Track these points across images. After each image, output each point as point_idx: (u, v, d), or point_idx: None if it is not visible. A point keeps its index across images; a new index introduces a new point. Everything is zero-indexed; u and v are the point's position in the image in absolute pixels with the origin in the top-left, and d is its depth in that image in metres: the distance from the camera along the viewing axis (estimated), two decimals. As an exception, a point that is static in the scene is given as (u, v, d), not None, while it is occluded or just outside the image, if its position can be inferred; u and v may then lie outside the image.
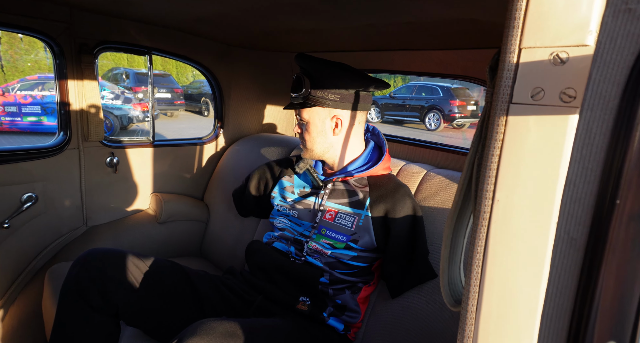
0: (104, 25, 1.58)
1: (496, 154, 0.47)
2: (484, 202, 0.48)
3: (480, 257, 0.49)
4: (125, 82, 11.43)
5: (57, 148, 1.55)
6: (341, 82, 1.16)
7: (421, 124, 11.72)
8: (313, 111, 1.20)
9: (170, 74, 12.97)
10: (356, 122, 1.23)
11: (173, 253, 1.84)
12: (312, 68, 1.18)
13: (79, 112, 1.57)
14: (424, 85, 12.07)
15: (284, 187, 1.35)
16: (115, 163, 1.71)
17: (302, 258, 1.22)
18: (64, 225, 1.62)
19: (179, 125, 10.84)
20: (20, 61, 13.26)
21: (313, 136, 1.22)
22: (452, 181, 1.30)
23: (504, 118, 0.46)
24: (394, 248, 1.16)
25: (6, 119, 8.27)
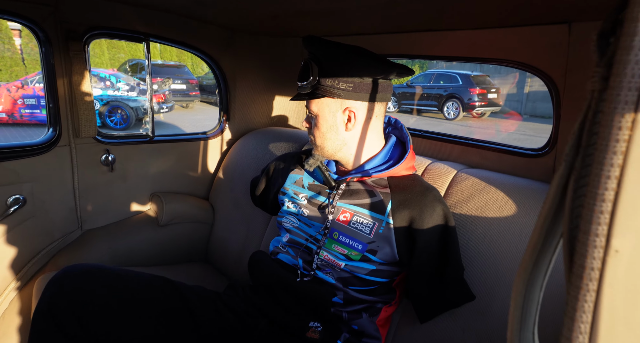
0: (95, 9, 1.43)
1: (614, 176, 0.29)
2: (591, 253, 0.30)
3: (585, 341, 0.31)
4: (142, 74, 11.43)
5: (45, 145, 1.42)
6: (354, 68, 0.98)
7: (440, 113, 11.38)
8: (322, 102, 1.02)
9: (185, 65, 12.91)
10: (374, 115, 1.04)
11: (176, 259, 1.71)
12: (321, 53, 1.00)
13: (69, 105, 1.44)
14: (443, 73, 11.68)
15: (294, 181, 1.19)
16: (111, 161, 1.57)
17: (311, 273, 1.05)
18: (57, 229, 1.50)
19: (194, 116, 10.81)
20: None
21: (323, 132, 1.05)
22: (488, 183, 1.11)
23: (630, 116, 0.28)
24: (421, 263, 0.98)
25: (26, 112, 8.36)
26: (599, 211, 0.29)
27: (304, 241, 1.09)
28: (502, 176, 1.15)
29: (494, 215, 1.04)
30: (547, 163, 1.15)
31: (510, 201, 1.04)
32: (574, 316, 0.30)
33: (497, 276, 0.99)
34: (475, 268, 1.03)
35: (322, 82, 1.00)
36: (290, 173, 1.21)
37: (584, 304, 0.30)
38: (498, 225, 1.03)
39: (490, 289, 0.99)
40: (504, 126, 10.82)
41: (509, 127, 10.51)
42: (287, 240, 1.14)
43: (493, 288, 0.99)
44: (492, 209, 1.05)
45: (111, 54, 15.54)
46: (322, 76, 1.00)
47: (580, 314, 0.30)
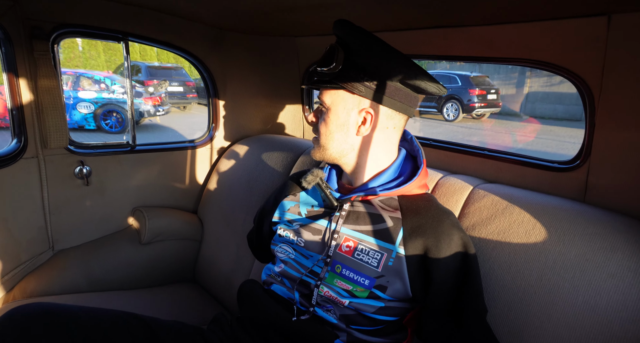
0: (64, 4, 1.27)
1: None
2: None
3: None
4: (138, 76, 11.29)
5: (8, 157, 1.26)
6: (385, 66, 0.84)
7: (439, 114, 11.26)
8: (339, 95, 0.88)
9: (182, 67, 12.77)
10: (391, 125, 0.89)
11: (160, 280, 1.56)
12: (352, 39, 0.85)
13: (35, 113, 1.28)
14: (441, 74, 11.58)
15: (286, 209, 1.03)
16: (86, 174, 1.42)
17: (311, 309, 0.90)
18: (23, 250, 1.34)
19: (191, 118, 10.67)
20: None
21: (331, 130, 0.90)
22: (512, 202, 0.96)
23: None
24: (437, 300, 0.83)
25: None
26: None
27: (299, 274, 0.94)
28: (527, 193, 1.00)
29: (520, 241, 0.89)
30: (578, 178, 1.00)
31: (538, 224, 0.89)
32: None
33: (527, 314, 0.84)
34: (498, 304, 0.88)
35: (345, 72, 0.85)
36: (283, 201, 1.05)
37: None
38: (525, 253, 0.88)
39: (516, 329, 0.84)
40: (505, 127, 10.69)
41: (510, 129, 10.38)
42: (281, 271, 0.99)
43: (520, 329, 0.84)
44: (517, 233, 0.90)
45: (107, 56, 15.36)
46: (346, 65, 0.85)
47: None
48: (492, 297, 0.89)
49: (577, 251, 0.82)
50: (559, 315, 0.80)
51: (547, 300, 0.82)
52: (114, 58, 15.26)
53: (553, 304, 0.81)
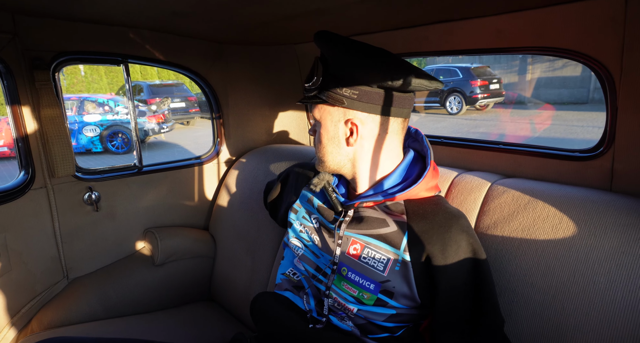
0: (60, 32, 1.27)
1: None
2: None
3: None
4: (140, 95, 11.42)
5: (17, 190, 1.25)
6: (361, 72, 0.81)
7: (442, 109, 11.19)
8: (325, 109, 0.87)
9: (183, 83, 12.90)
10: (387, 131, 0.86)
11: (177, 301, 1.53)
12: (326, 50, 0.84)
13: (40, 143, 1.27)
14: (442, 68, 11.52)
15: (306, 199, 1.02)
16: (95, 199, 1.41)
17: (324, 319, 0.88)
18: (38, 281, 1.33)
19: (195, 132, 10.73)
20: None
21: (324, 143, 0.89)
22: (534, 196, 0.92)
23: None
24: (446, 310, 0.79)
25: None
26: None
27: (313, 270, 0.94)
28: (549, 185, 0.96)
29: (547, 237, 0.85)
30: (603, 165, 0.96)
31: (565, 218, 0.85)
32: None
33: (562, 314, 0.79)
34: (528, 305, 0.83)
35: (325, 85, 0.84)
36: (304, 189, 1.04)
37: None
38: (554, 249, 0.83)
39: (549, 331, 0.80)
40: (511, 116, 10.57)
41: (517, 118, 10.26)
42: (292, 271, 1.00)
43: (557, 331, 0.79)
44: (543, 229, 0.86)
45: (109, 79, 15.56)
46: (325, 78, 0.84)
47: None
48: (522, 298, 0.84)
49: (611, 244, 0.78)
50: (597, 313, 0.76)
51: (583, 298, 0.78)
52: (115, 80, 15.44)
53: (590, 301, 0.77)
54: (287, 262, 1.05)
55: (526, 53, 1.04)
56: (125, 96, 11.25)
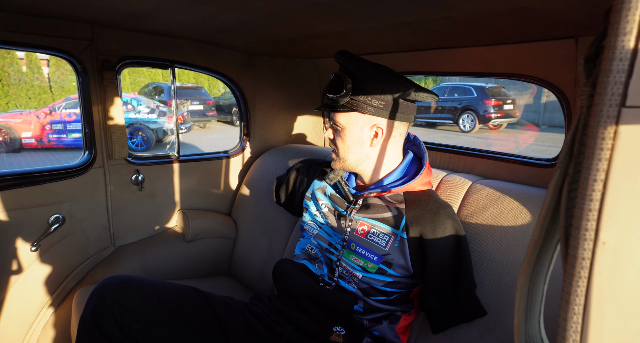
0: (125, 40, 1.55)
1: (600, 179, 0.34)
2: (582, 245, 0.35)
3: (579, 321, 0.35)
4: (161, 96, 11.82)
5: (82, 168, 1.52)
6: (387, 87, 1.03)
7: (455, 126, 11.33)
8: (351, 116, 1.07)
9: (202, 87, 13.30)
10: (397, 133, 1.10)
11: (201, 272, 1.78)
12: (356, 68, 1.05)
13: (102, 130, 1.54)
14: (457, 86, 11.67)
15: (317, 188, 1.25)
16: (141, 181, 1.67)
17: (334, 283, 1.10)
18: (92, 245, 1.59)
19: (211, 135, 11.06)
20: (66, 81, 14.07)
21: (348, 145, 1.09)
22: (503, 193, 1.14)
23: (611, 128, 0.33)
24: (433, 277, 1.01)
25: (53, 137, 8.76)
26: (588, 209, 0.34)
27: (326, 245, 1.15)
28: (517, 186, 1.18)
29: (510, 224, 1.07)
30: (561, 171, 1.18)
31: (525, 210, 1.07)
32: (569, 299, 0.35)
33: (514, 282, 1.01)
34: (492, 275, 1.05)
35: (354, 97, 1.04)
36: (315, 179, 1.26)
37: (577, 288, 0.34)
38: (514, 233, 1.05)
39: (507, 295, 1.01)
40: (522, 137, 10.68)
41: (528, 139, 10.37)
42: (310, 246, 1.21)
43: (510, 294, 1.01)
44: (507, 218, 1.08)
45: (132, 79, 16.17)
46: (355, 91, 1.04)
47: (573, 297, 0.35)
48: (486, 270, 1.06)
49: (556, 230, 0.99)
50: (542, 283, 0.97)
51: (533, 271, 0.99)
52: (137, 80, 16.03)
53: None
54: (306, 240, 1.25)
55: (505, 78, 1.27)
56: (147, 95, 11.71)
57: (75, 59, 1.45)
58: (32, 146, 8.68)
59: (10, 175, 1.39)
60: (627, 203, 0.32)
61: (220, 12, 1.21)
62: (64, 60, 1.46)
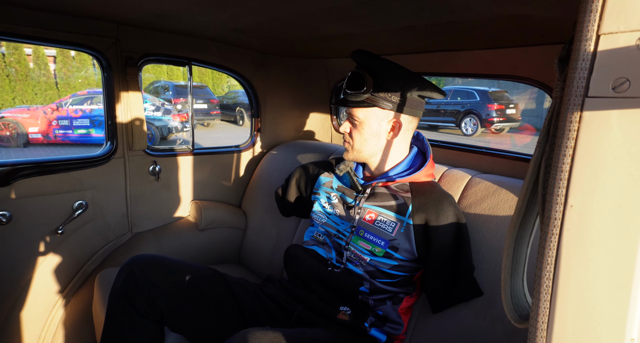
0: (147, 38, 1.64)
1: (568, 155, 0.43)
2: (554, 208, 0.44)
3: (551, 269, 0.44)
4: (166, 94, 11.94)
5: (104, 157, 1.62)
6: (407, 85, 1.12)
7: (457, 129, 11.40)
8: (371, 111, 1.14)
9: (206, 86, 13.41)
10: (410, 128, 1.19)
11: (212, 260, 1.87)
12: (376, 66, 1.12)
13: (124, 122, 1.64)
14: (460, 89, 11.75)
15: (323, 183, 1.33)
16: (158, 171, 1.76)
17: (342, 266, 1.19)
18: (111, 231, 1.68)
19: (214, 134, 11.16)
20: (72, 78, 14.22)
21: (365, 138, 1.17)
22: (500, 186, 1.23)
23: (577, 114, 0.42)
24: (436, 260, 1.10)
25: (59, 132, 8.88)
26: (559, 179, 0.43)
27: (334, 232, 1.24)
28: (513, 180, 1.27)
29: (506, 214, 1.16)
30: (554, 167, 1.27)
31: (520, 202, 1.16)
32: (544, 252, 0.44)
33: (510, 268, 1.10)
34: (489, 260, 1.14)
35: (375, 93, 1.12)
36: (320, 176, 1.35)
37: (550, 243, 0.43)
38: (508, 222, 1.14)
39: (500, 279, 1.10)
40: (523, 141, 10.75)
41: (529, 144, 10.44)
42: (317, 233, 1.29)
43: (506, 279, 1.10)
44: (503, 208, 1.17)
45: (137, 77, 16.28)
46: (376, 88, 1.11)
47: (547, 250, 0.44)
48: (484, 256, 1.15)
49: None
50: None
51: (526, 257, 1.08)
52: (143, 77, 16.17)
53: (530, 259, 1.08)
54: (314, 228, 1.34)
55: (504, 79, 1.37)
56: (152, 93, 11.83)
57: (101, 55, 1.54)
58: (38, 141, 8.80)
59: (40, 162, 1.49)
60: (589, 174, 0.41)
61: (240, 15, 1.30)
62: (91, 56, 1.55)
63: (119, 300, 1.06)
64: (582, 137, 0.42)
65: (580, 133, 0.42)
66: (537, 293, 0.45)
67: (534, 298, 0.46)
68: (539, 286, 0.46)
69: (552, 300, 0.44)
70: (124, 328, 1.06)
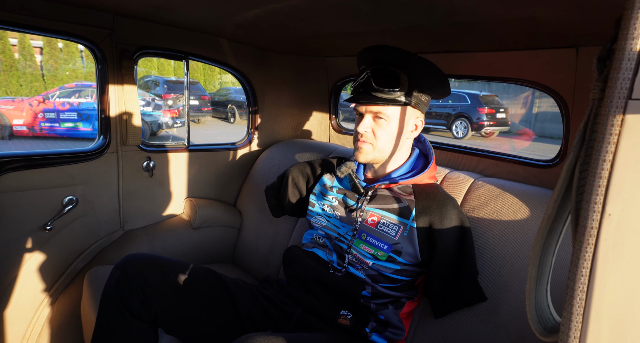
0: (145, 31, 1.59)
1: (608, 160, 0.41)
2: (591, 216, 0.42)
3: (585, 281, 0.42)
4: (156, 90, 11.78)
5: (97, 152, 1.56)
6: (438, 85, 1.12)
7: (447, 131, 11.49)
8: (401, 109, 1.11)
9: (198, 82, 13.27)
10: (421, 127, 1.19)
11: (206, 259, 1.82)
12: (411, 64, 1.08)
13: (118, 116, 1.59)
14: (452, 92, 11.82)
15: (324, 184, 1.30)
16: (152, 168, 1.71)
17: (344, 269, 1.16)
18: (102, 228, 1.63)
19: (206, 131, 11.04)
20: (59, 70, 13.91)
21: (392, 136, 1.11)
22: (503, 190, 1.22)
23: (619, 117, 0.40)
24: (439, 264, 1.08)
25: (45, 125, 8.68)
26: (597, 186, 0.41)
27: (335, 235, 1.20)
28: (516, 184, 1.26)
29: (509, 218, 1.15)
30: (557, 173, 1.26)
31: (524, 206, 1.15)
32: (577, 263, 0.42)
33: (512, 272, 1.08)
34: (492, 265, 1.12)
35: (410, 91, 1.08)
36: (323, 176, 1.32)
37: (585, 254, 0.41)
38: (513, 227, 1.13)
39: (505, 284, 1.09)
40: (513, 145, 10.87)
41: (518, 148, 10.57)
42: (317, 236, 1.26)
43: (508, 283, 1.08)
44: (507, 213, 1.16)
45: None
46: (410, 86, 1.07)
47: (582, 262, 0.41)
48: (487, 261, 1.13)
49: (552, 224, 1.07)
50: (537, 273, 1.05)
51: (528, 261, 1.07)
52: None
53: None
54: (314, 231, 1.29)
55: (509, 83, 1.36)
56: (143, 88, 11.65)
57: (96, 46, 1.49)
58: (23, 133, 8.59)
59: (30, 156, 1.43)
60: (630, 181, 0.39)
61: (240, 9, 1.27)
62: (85, 47, 1.50)
63: (112, 299, 1.01)
64: (623, 141, 0.39)
65: (621, 137, 0.40)
66: (569, 306, 0.43)
67: (565, 312, 0.43)
68: (571, 299, 0.43)
69: (585, 315, 0.42)
70: (116, 329, 1.02)
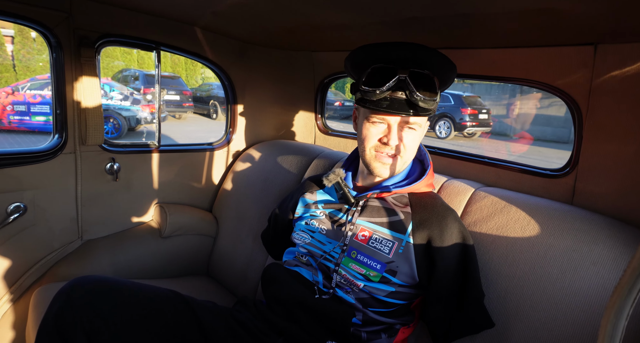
0: (108, 16, 1.41)
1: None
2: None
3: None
4: (135, 84, 11.38)
5: (50, 152, 1.37)
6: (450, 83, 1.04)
7: (431, 131, 11.54)
8: (423, 118, 1.01)
9: (179, 76, 12.91)
10: None
11: (177, 272, 1.65)
12: (436, 64, 0.96)
13: (76, 112, 1.40)
14: (436, 93, 11.87)
15: (306, 204, 1.15)
16: (116, 170, 1.53)
17: (331, 291, 1.01)
18: (56, 239, 1.43)
19: (186, 127, 10.74)
20: (32, 61, 13.30)
21: (417, 144, 1.04)
22: (509, 202, 1.09)
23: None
24: (439, 285, 0.95)
25: (15, 118, 8.22)
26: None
27: (320, 252, 1.06)
28: (523, 195, 1.14)
29: (516, 235, 1.03)
30: (567, 183, 1.15)
31: (532, 221, 1.03)
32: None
33: (521, 297, 0.96)
34: (496, 288, 1.00)
35: (436, 97, 0.97)
36: (301, 198, 1.17)
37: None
38: (520, 246, 1.01)
39: (513, 311, 0.97)
40: (493, 146, 10.98)
41: (499, 149, 10.67)
42: (301, 254, 1.11)
43: (516, 310, 0.96)
44: (513, 229, 1.04)
45: (105, 63, 15.48)
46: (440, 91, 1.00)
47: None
48: (491, 283, 1.01)
49: (565, 244, 0.95)
50: (548, 297, 0.93)
51: (539, 285, 0.95)
52: (110, 65, 15.37)
53: (544, 288, 0.94)
54: (296, 249, 1.13)
55: (514, 83, 1.24)
56: (120, 81, 11.23)
57: (49, 31, 1.30)
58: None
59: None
60: None
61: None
62: (37, 32, 1.30)
63: (50, 335, 0.83)
64: None
65: None
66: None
67: None
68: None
69: None
70: None
